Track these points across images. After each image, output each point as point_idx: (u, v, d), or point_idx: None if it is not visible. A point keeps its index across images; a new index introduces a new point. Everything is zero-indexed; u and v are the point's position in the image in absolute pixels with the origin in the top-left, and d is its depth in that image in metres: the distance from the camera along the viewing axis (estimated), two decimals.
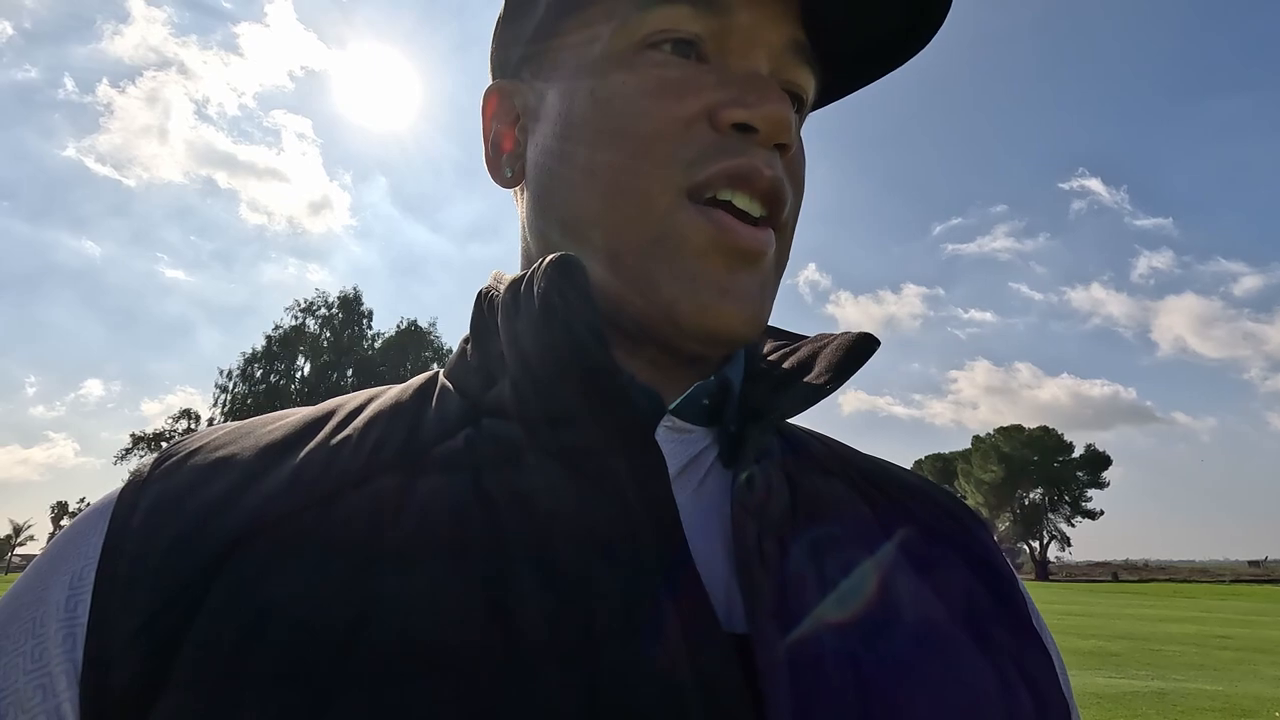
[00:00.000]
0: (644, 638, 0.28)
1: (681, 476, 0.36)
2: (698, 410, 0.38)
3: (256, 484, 0.32)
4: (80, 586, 0.30)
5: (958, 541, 0.41)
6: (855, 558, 0.36)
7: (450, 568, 0.29)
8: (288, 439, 0.35)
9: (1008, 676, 0.34)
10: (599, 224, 0.37)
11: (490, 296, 0.41)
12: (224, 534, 0.30)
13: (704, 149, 0.36)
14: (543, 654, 0.27)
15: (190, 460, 0.34)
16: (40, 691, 0.29)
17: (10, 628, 0.31)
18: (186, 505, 0.31)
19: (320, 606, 0.27)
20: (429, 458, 0.34)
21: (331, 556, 0.29)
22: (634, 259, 0.36)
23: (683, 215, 0.36)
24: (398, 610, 0.27)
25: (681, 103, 0.37)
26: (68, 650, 0.29)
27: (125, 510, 0.32)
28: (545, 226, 0.41)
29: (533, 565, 0.29)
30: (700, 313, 0.36)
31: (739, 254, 0.36)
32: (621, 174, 0.37)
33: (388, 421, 0.36)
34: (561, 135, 0.39)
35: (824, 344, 0.42)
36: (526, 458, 0.34)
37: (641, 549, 0.30)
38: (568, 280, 0.33)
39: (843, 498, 0.40)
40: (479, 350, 0.40)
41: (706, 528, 0.34)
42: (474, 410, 0.37)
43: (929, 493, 0.45)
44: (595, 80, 0.38)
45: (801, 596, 0.32)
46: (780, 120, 0.36)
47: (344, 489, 0.32)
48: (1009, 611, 0.39)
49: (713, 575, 0.31)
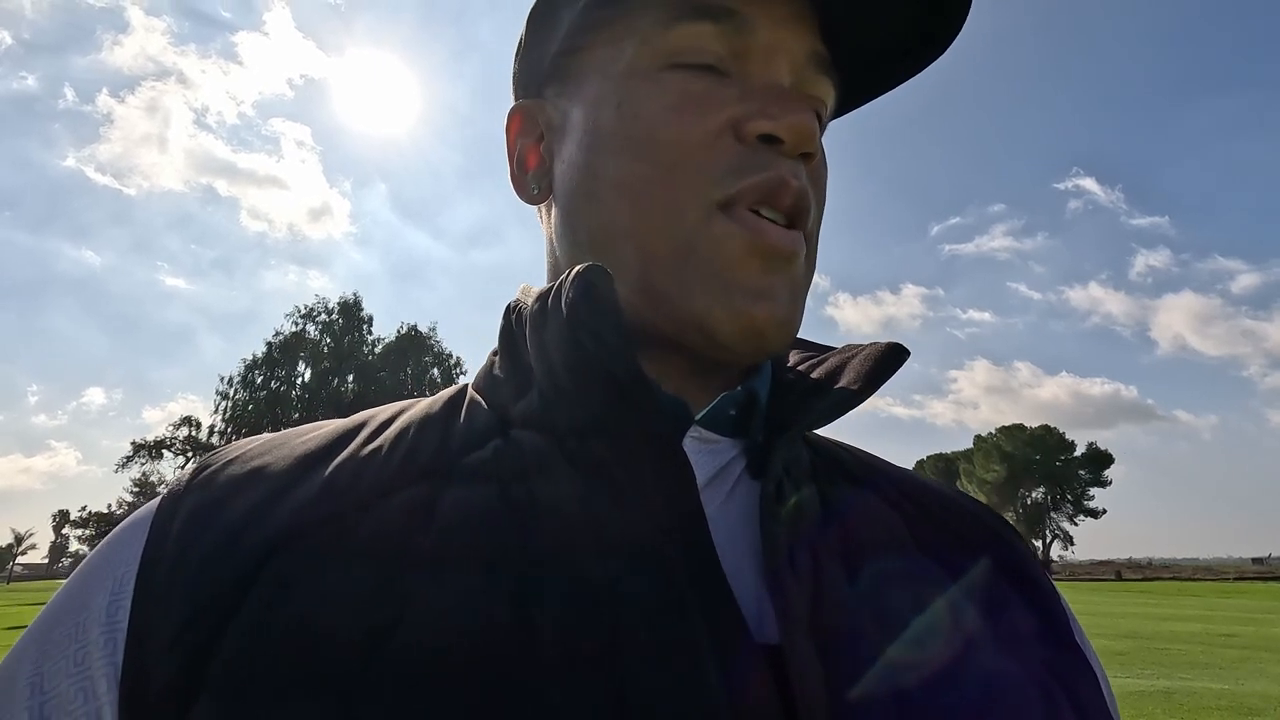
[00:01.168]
0: (672, 649, 0.27)
1: (709, 488, 0.36)
2: (724, 421, 0.38)
3: (289, 494, 0.33)
4: (121, 593, 0.31)
5: (994, 554, 0.40)
6: (889, 570, 0.35)
7: (477, 578, 0.29)
8: (320, 450, 0.36)
9: (1052, 693, 0.33)
10: (629, 236, 0.38)
11: (518, 309, 0.41)
12: (258, 543, 0.30)
13: (731, 162, 0.37)
14: (569, 665, 0.27)
15: (226, 471, 0.35)
16: (82, 694, 0.30)
17: (55, 631, 0.32)
18: (222, 515, 0.32)
19: (349, 615, 0.28)
20: (458, 468, 0.34)
21: (361, 565, 0.29)
22: (665, 269, 0.37)
23: (715, 225, 0.36)
24: (425, 619, 0.28)
25: (707, 116, 0.37)
26: (108, 654, 0.30)
27: (164, 519, 0.33)
28: (575, 239, 0.41)
29: (560, 576, 0.29)
30: (735, 318, 0.36)
31: (774, 255, 0.36)
32: (651, 186, 0.37)
33: (417, 433, 0.37)
34: (588, 149, 0.40)
35: (852, 354, 0.42)
36: (554, 468, 0.34)
37: (669, 560, 0.30)
38: (595, 291, 0.33)
39: (874, 508, 0.39)
40: (507, 362, 0.40)
41: (735, 539, 0.34)
42: (502, 422, 0.37)
43: (962, 504, 0.44)
44: (620, 95, 0.39)
45: (835, 608, 0.31)
46: (805, 130, 0.36)
47: (374, 499, 0.32)
48: (1051, 626, 0.38)
49: (743, 586, 0.31)
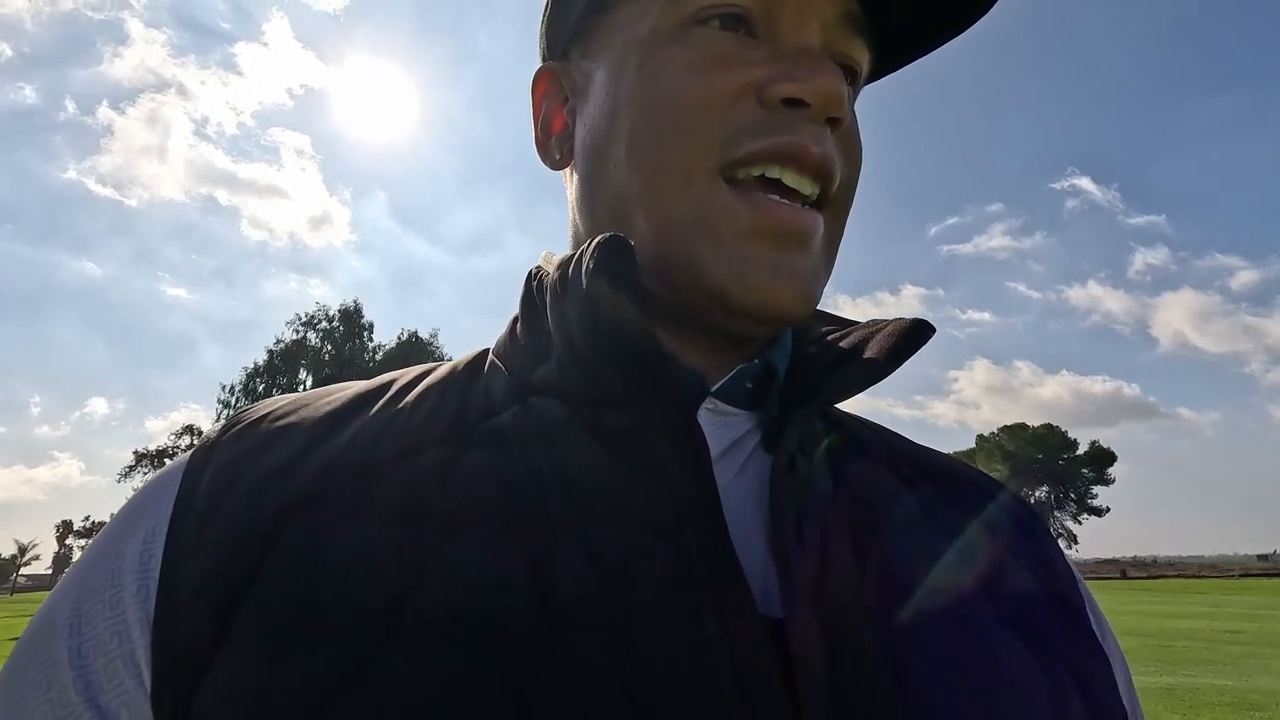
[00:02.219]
0: (680, 617, 0.28)
1: (723, 459, 0.36)
2: (741, 393, 0.38)
3: (314, 452, 0.33)
4: (153, 541, 0.32)
5: (1012, 536, 0.40)
6: (899, 547, 0.35)
7: (494, 539, 0.29)
8: (344, 410, 0.36)
9: (1061, 681, 0.33)
10: (642, 203, 0.37)
11: (539, 276, 0.41)
12: (283, 498, 0.31)
13: (749, 124, 0.36)
14: (581, 626, 0.27)
15: (255, 427, 0.35)
16: (117, 637, 0.31)
17: (92, 576, 0.33)
18: (250, 469, 0.33)
19: (369, 571, 0.28)
20: (477, 433, 0.34)
21: (382, 523, 0.30)
22: (680, 239, 0.36)
23: (722, 197, 0.35)
24: (443, 577, 0.28)
25: (729, 77, 0.36)
26: (141, 600, 0.31)
27: (195, 472, 0.33)
28: (594, 206, 0.40)
29: (574, 541, 0.30)
30: (751, 292, 0.35)
31: (784, 234, 0.36)
32: (663, 150, 0.36)
33: (438, 396, 0.37)
34: (609, 113, 0.39)
35: (876, 329, 0.41)
36: (571, 437, 0.34)
37: (681, 530, 0.30)
38: (615, 261, 0.33)
39: (889, 486, 0.39)
40: (527, 329, 0.40)
41: (746, 511, 0.34)
42: (522, 388, 0.37)
43: (981, 484, 0.43)
44: (643, 57, 0.38)
45: (841, 584, 0.31)
46: (832, 94, 0.35)
47: (396, 459, 0.33)
48: (1066, 612, 0.37)
49: (751, 558, 0.31)
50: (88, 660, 0.30)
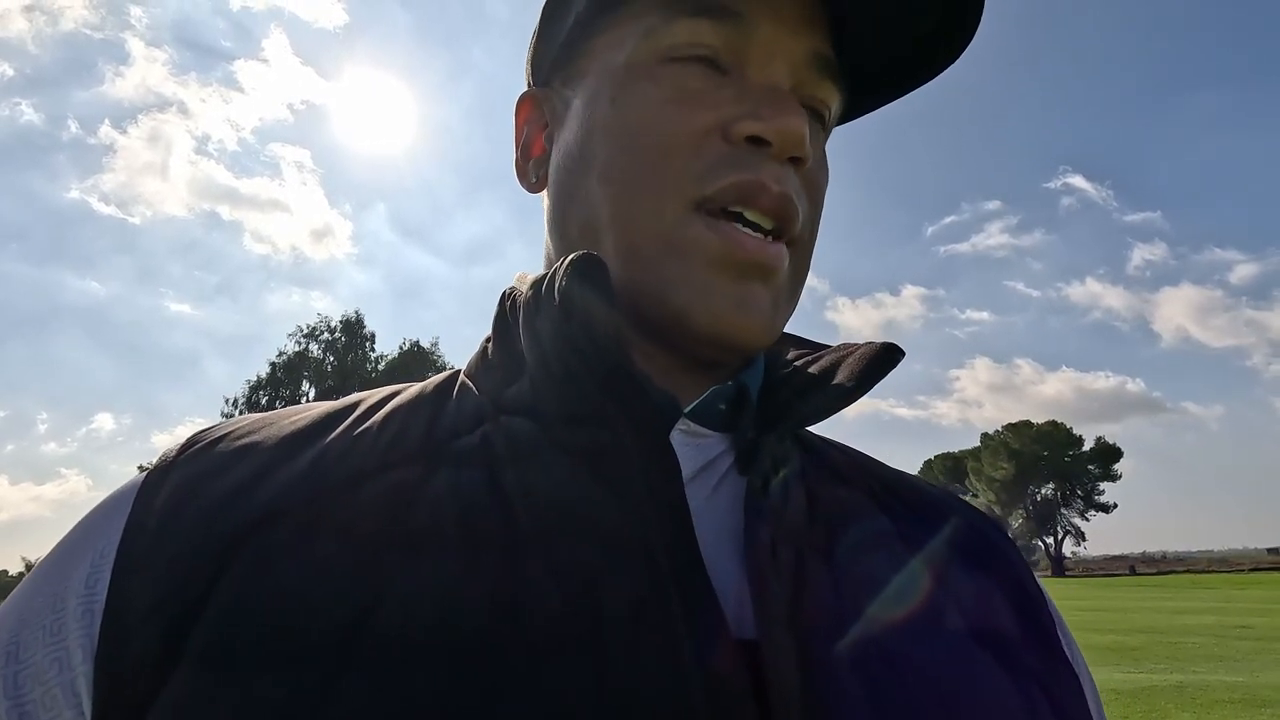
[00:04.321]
0: (650, 638, 0.27)
1: (695, 481, 0.36)
2: (714, 415, 0.38)
3: (276, 471, 0.33)
4: (101, 564, 0.31)
5: (983, 557, 0.40)
6: (874, 569, 0.35)
7: (460, 559, 0.29)
8: (309, 429, 0.36)
9: (1033, 700, 0.33)
10: (612, 229, 0.38)
11: (513, 296, 0.41)
12: (242, 517, 0.30)
13: (715, 161, 0.36)
14: (549, 647, 0.27)
15: (215, 446, 0.34)
16: (56, 665, 0.30)
17: (34, 601, 0.32)
18: (208, 489, 0.32)
19: (330, 592, 0.28)
20: (445, 452, 0.34)
21: (344, 543, 0.29)
22: (646, 265, 0.37)
23: (692, 227, 0.36)
24: (406, 598, 0.28)
25: (697, 114, 0.37)
26: (85, 626, 0.30)
27: (150, 491, 0.33)
28: (564, 230, 0.41)
29: (542, 561, 0.29)
30: (714, 322, 0.36)
31: (749, 266, 0.36)
32: (634, 181, 0.37)
33: (406, 416, 0.36)
34: (582, 141, 0.40)
35: (846, 353, 0.41)
36: (542, 456, 0.34)
37: (651, 550, 0.30)
38: (589, 279, 0.33)
39: (862, 508, 0.39)
40: (500, 349, 0.40)
41: (719, 533, 0.33)
42: (493, 407, 0.37)
43: (952, 505, 0.44)
44: (615, 89, 0.39)
45: (816, 606, 0.31)
46: (793, 134, 0.36)
47: (360, 479, 0.32)
48: (1036, 632, 0.37)
49: (724, 580, 0.31)
50: (24, 690, 0.30)
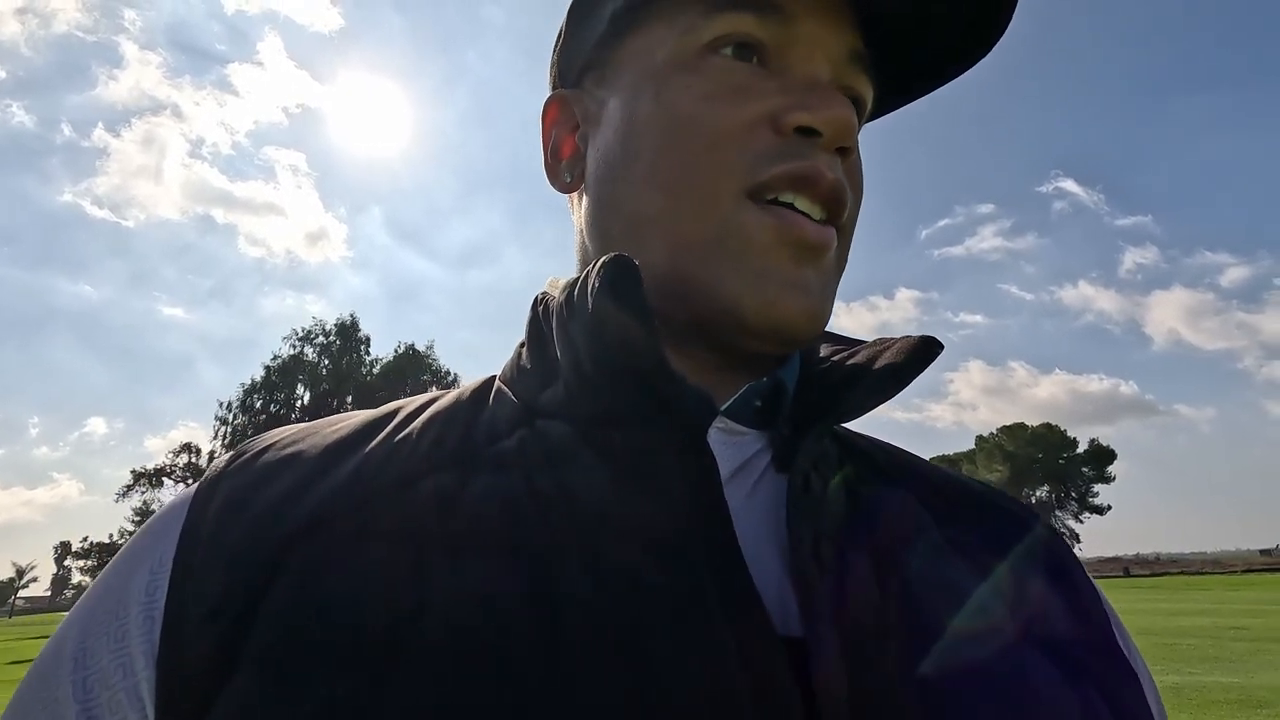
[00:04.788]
0: (691, 637, 0.27)
1: (734, 480, 0.36)
2: (750, 412, 0.38)
3: (321, 480, 0.33)
4: (159, 572, 0.32)
5: (1033, 555, 0.39)
6: (919, 566, 0.34)
7: (501, 563, 0.29)
8: (350, 438, 0.36)
9: (1091, 701, 0.32)
10: (660, 222, 0.38)
11: (545, 301, 0.41)
12: (290, 526, 0.31)
13: (766, 151, 0.37)
14: (591, 652, 0.27)
15: (261, 457, 0.36)
16: (121, 670, 0.31)
17: (98, 609, 0.33)
18: (257, 499, 0.33)
19: (377, 596, 0.28)
20: (483, 457, 0.35)
21: (389, 549, 0.30)
22: (696, 257, 0.37)
23: (746, 214, 0.36)
24: (450, 602, 0.28)
25: (745, 106, 0.37)
26: (146, 632, 0.31)
27: (201, 503, 0.34)
28: (605, 229, 0.41)
29: (582, 563, 0.29)
30: (767, 307, 0.36)
31: (805, 248, 0.36)
32: (684, 173, 0.37)
33: (444, 423, 0.37)
34: (624, 138, 0.40)
35: (884, 347, 0.41)
36: (579, 458, 0.34)
37: (691, 551, 0.30)
38: (622, 281, 0.33)
39: (904, 505, 0.38)
40: (534, 353, 0.40)
41: (759, 531, 0.33)
42: (528, 412, 0.37)
43: (998, 502, 0.43)
44: (659, 85, 0.39)
45: (862, 603, 0.31)
46: (844, 124, 0.36)
47: (402, 485, 0.33)
48: (1091, 631, 0.37)
49: (766, 579, 0.31)
50: (91, 694, 0.31)
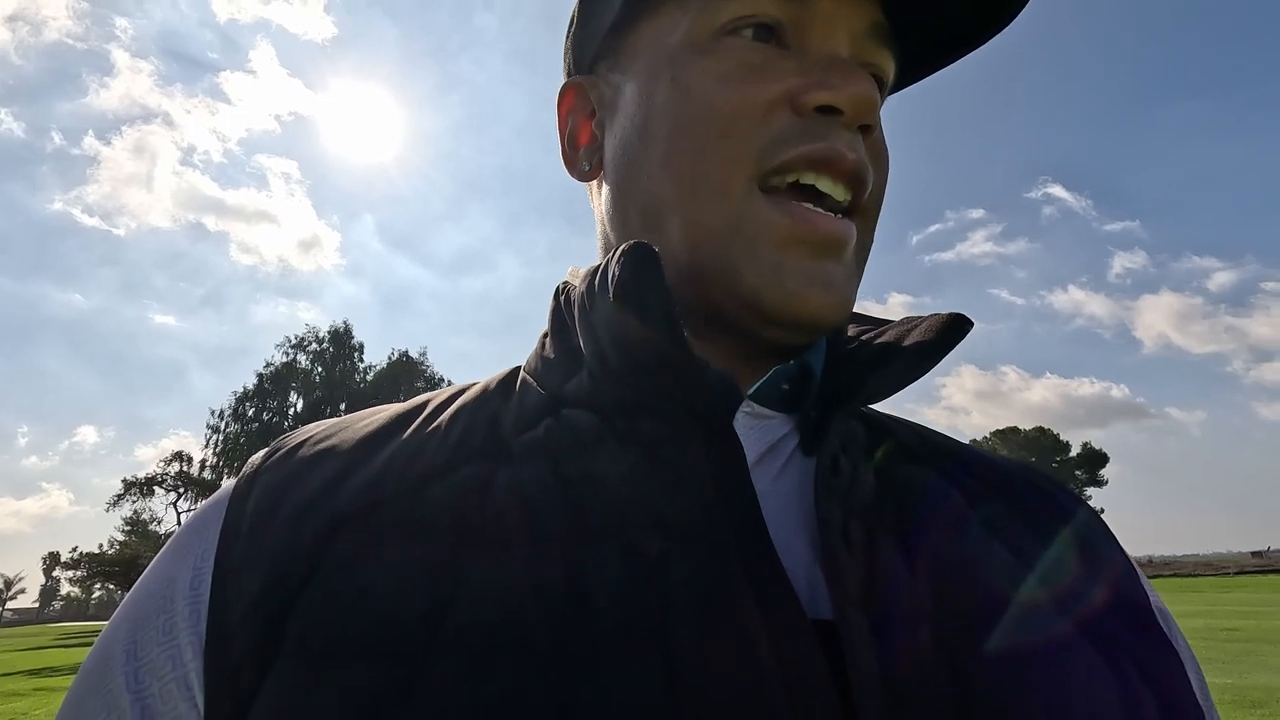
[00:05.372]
0: (721, 622, 0.27)
1: (761, 464, 0.35)
2: (777, 396, 0.38)
3: (354, 473, 0.34)
4: (203, 567, 0.33)
5: (1068, 533, 0.38)
6: (950, 547, 0.34)
7: (531, 551, 0.30)
8: (381, 431, 0.37)
9: (1129, 679, 0.31)
10: (677, 211, 0.37)
11: (566, 291, 0.41)
12: (325, 519, 0.32)
13: (784, 132, 0.36)
14: (622, 638, 0.27)
15: (296, 453, 0.36)
16: (170, 661, 0.31)
17: (146, 604, 0.34)
18: (292, 493, 0.34)
19: (411, 587, 0.29)
20: (511, 448, 0.35)
21: (421, 540, 0.30)
22: (714, 247, 0.36)
23: (758, 205, 0.36)
24: (482, 592, 0.28)
25: (763, 87, 0.36)
26: (193, 624, 0.32)
27: (240, 498, 0.35)
28: (624, 217, 0.41)
29: (611, 550, 0.30)
30: (787, 300, 0.35)
31: (821, 243, 0.36)
32: (698, 159, 0.36)
33: (471, 414, 0.38)
34: (641, 124, 0.39)
35: (912, 326, 0.40)
36: (605, 447, 0.34)
37: (719, 536, 0.30)
38: (642, 269, 0.33)
39: (934, 485, 0.38)
40: (557, 343, 0.40)
41: (787, 514, 0.33)
42: (554, 402, 0.37)
43: (1032, 480, 0.42)
44: (675, 68, 0.38)
45: (891, 585, 0.31)
46: (866, 100, 0.36)
47: (432, 477, 0.33)
48: (1128, 607, 0.36)
49: (795, 562, 0.31)
50: (144, 685, 0.31)
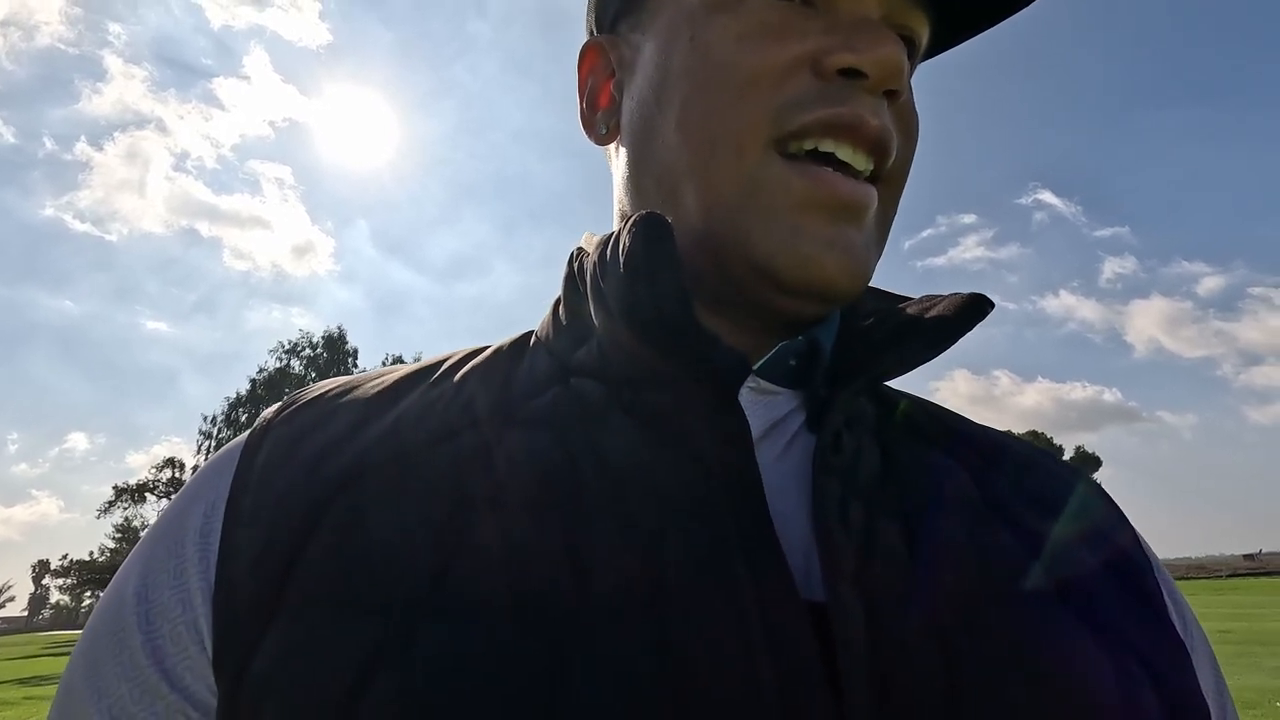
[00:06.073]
0: (716, 600, 0.27)
1: (765, 440, 0.35)
2: (784, 371, 0.37)
3: (362, 431, 0.34)
4: (213, 516, 0.33)
5: (1076, 519, 0.37)
6: (952, 530, 0.33)
7: (533, 517, 0.30)
8: (392, 390, 0.37)
9: (1127, 669, 0.30)
10: (691, 178, 0.36)
11: (580, 257, 0.41)
12: (333, 475, 0.32)
13: (804, 95, 0.35)
14: (614, 605, 0.27)
15: (310, 408, 0.37)
16: (180, 605, 0.32)
17: (157, 547, 0.34)
18: (302, 448, 0.34)
19: (413, 545, 0.29)
20: (517, 415, 0.35)
21: (425, 500, 0.31)
22: (728, 213, 0.35)
23: (775, 169, 0.35)
24: (482, 553, 0.29)
25: (784, 46, 0.35)
26: (202, 571, 0.32)
27: (251, 450, 0.35)
28: (639, 183, 0.40)
29: (610, 521, 0.30)
30: (802, 265, 0.34)
31: (839, 207, 0.35)
32: (713, 122, 0.35)
33: (481, 378, 0.37)
34: (658, 86, 0.38)
35: (931, 305, 0.39)
36: (610, 417, 0.34)
37: (719, 511, 0.30)
38: (653, 239, 0.33)
39: (941, 466, 0.37)
40: (568, 311, 0.40)
41: (789, 492, 0.33)
42: (563, 370, 0.37)
43: (1043, 462, 0.41)
44: (694, 28, 0.37)
45: (887, 566, 0.30)
46: (892, 64, 0.34)
47: (440, 439, 0.33)
48: (1135, 597, 0.35)
49: (793, 540, 0.30)
50: (155, 626, 0.32)
